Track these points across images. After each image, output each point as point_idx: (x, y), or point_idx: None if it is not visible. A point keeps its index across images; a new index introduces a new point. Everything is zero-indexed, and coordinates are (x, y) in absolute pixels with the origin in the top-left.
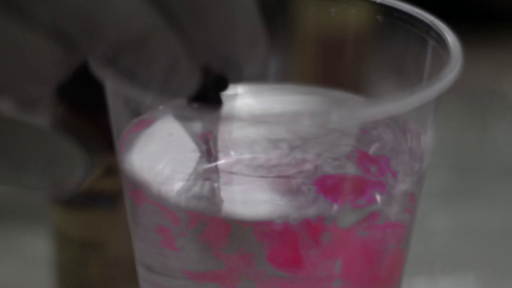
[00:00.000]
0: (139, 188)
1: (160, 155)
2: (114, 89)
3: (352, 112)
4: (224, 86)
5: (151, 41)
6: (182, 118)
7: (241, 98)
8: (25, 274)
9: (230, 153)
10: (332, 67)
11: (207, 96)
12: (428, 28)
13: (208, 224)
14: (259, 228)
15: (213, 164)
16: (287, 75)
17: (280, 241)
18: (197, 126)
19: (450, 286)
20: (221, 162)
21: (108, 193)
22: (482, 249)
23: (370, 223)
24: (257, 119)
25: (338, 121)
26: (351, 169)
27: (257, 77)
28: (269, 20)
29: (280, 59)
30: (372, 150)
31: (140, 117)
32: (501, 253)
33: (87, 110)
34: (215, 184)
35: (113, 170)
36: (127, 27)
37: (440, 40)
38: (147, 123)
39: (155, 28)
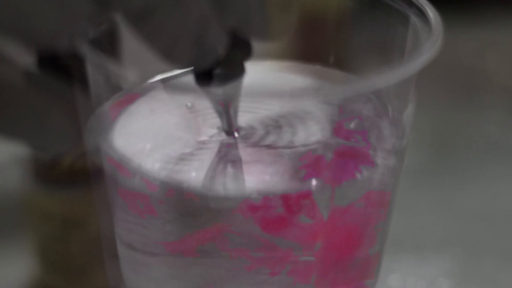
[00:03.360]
0: (119, 162)
1: (142, 132)
2: (96, 65)
3: (335, 87)
4: (248, 54)
5: (183, 3)
6: (203, 85)
7: None
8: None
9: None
10: (314, 44)
11: (231, 63)
12: (409, 4)
13: (186, 196)
14: (239, 203)
15: (225, 135)
16: (269, 52)
17: (258, 216)
18: (218, 94)
19: (432, 264)
20: (208, 137)
21: (88, 170)
22: (465, 227)
23: (351, 198)
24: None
25: (321, 96)
26: (332, 145)
27: None
28: None
29: None
30: (353, 125)
31: (121, 92)
32: (483, 231)
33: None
34: (197, 160)
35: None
36: None
37: (421, 15)
38: (129, 100)
39: None
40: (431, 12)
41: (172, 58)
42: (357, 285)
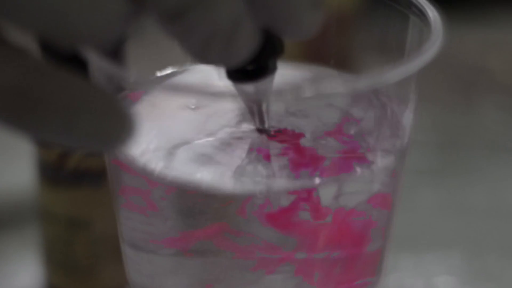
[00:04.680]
0: (123, 159)
1: (145, 131)
2: (98, 67)
3: (334, 86)
4: (280, 50)
5: (216, 2)
6: (236, 82)
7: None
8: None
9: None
10: (314, 44)
11: (263, 59)
12: (409, 4)
13: (188, 193)
14: (242, 202)
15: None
16: None
17: (260, 215)
18: (250, 91)
19: (435, 262)
20: (211, 136)
21: (94, 171)
22: (467, 226)
23: (353, 199)
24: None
25: (321, 95)
26: (332, 144)
27: None
28: None
29: None
30: (354, 125)
31: (123, 92)
32: (485, 229)
33: None
34: (201, 158)
35: None
36: None
37: (422, 15)
38: (132, 98)
39: None
40: (430, 12)
41: (205, 57)
42: (360, 283)
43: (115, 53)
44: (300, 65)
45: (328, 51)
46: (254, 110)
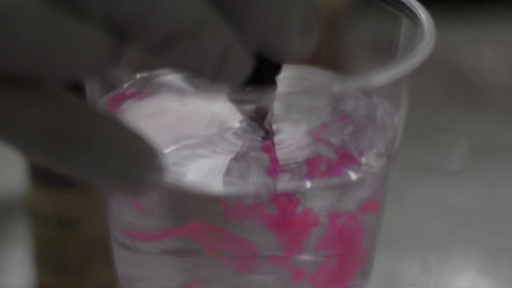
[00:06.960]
0: None
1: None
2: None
3: (326, 87)
4: (277, 70)
5: (204, 32)
6: (235, 103)
7: None
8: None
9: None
10: None
11: (261, 79)
12: (401, 5)
13: (173, 192)
14: (229, 204)
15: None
16: None
17: (247, 217)
18: (251, 110)
19: (424, 261)
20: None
21: None
22: (454, 226)
23: (343, 201)
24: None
25: (312, 96)
26: (321, 146)
27: None
28: None
29: None
30: (344, 126)
31: (113, 91)
32: (473, 229)
33: None
34: (185, 157)
35: None
36: (179, 19)
37: (414, 17)
38: (121, 99)
39: (207, 19)
40: (423, 14)
41: (198, 84)
42: (349, 286)
43: None
44: (290, 66)
45: (319, 51)
46: (256, 126)
